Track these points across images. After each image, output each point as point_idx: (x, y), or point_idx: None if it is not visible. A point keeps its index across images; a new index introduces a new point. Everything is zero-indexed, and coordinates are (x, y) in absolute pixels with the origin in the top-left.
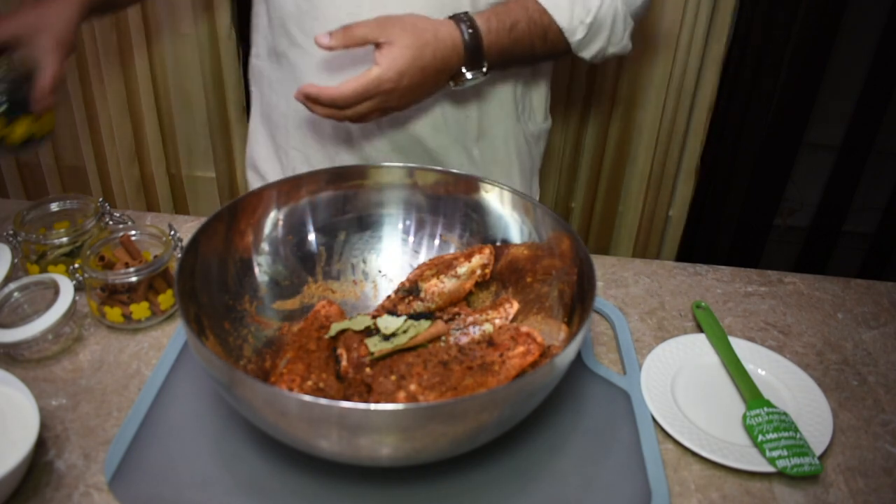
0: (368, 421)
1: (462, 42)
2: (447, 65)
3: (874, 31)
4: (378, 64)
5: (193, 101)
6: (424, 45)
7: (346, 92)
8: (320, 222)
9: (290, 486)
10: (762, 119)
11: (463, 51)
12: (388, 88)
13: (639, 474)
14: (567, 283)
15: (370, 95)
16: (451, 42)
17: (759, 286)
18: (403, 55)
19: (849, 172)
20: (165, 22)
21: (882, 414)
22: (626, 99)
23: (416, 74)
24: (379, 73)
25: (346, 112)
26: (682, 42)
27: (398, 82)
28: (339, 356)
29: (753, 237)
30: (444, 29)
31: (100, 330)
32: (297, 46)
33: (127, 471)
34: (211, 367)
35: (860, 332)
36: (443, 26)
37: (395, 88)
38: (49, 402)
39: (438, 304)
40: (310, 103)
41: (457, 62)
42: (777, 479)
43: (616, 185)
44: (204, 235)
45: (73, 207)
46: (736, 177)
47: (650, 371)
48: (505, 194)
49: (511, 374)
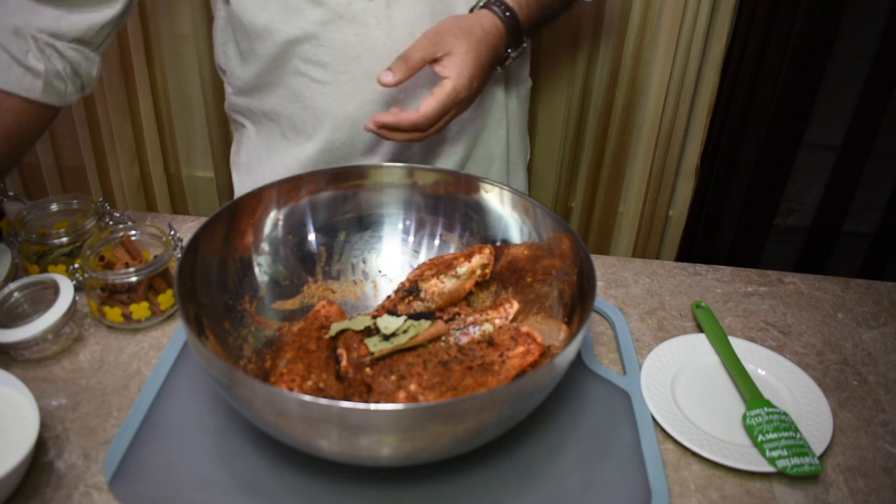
0: (368, 421)
1: (503, 25)
2: (497, 53)
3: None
4: (448, 77)
5: (192, 102)
6: (479, 43)
7: (430, 112)
8: (320, 222)
9: (290, 486)
10: (762, 119)
11: (506, 33)
12: (464, 97)
13: (639, 474)
14: (567, 283)
15: (449, 109)
16: (496, 30)
17: (759, 286)
18: (467, 61)
19: (849, 172)
20: (164, 23)
21: (882, 414)
22: (626, 99)
23: (480, 73)
24: (453, 85)
25: (428, 131)
26: (682, 42)
27: (470, 87)
28: (339, 356)
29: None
30: (486, 20)
31: (100, 330)
32: (301, 75)
33: (127, 471)
34: (211, 367)
35: (860, 332)
36: (483, 18)
37: (468, 95)
38: (49, 402)
39: (438, 304)
40: (385, 132)
41: (502, 46)
42: (777, 479)
43: (616, 185)
44: (204, 235)
45: (73, 207)
46: (736, 177)
47: (650, 371)
48: (505, 194)
49: (511, 374)
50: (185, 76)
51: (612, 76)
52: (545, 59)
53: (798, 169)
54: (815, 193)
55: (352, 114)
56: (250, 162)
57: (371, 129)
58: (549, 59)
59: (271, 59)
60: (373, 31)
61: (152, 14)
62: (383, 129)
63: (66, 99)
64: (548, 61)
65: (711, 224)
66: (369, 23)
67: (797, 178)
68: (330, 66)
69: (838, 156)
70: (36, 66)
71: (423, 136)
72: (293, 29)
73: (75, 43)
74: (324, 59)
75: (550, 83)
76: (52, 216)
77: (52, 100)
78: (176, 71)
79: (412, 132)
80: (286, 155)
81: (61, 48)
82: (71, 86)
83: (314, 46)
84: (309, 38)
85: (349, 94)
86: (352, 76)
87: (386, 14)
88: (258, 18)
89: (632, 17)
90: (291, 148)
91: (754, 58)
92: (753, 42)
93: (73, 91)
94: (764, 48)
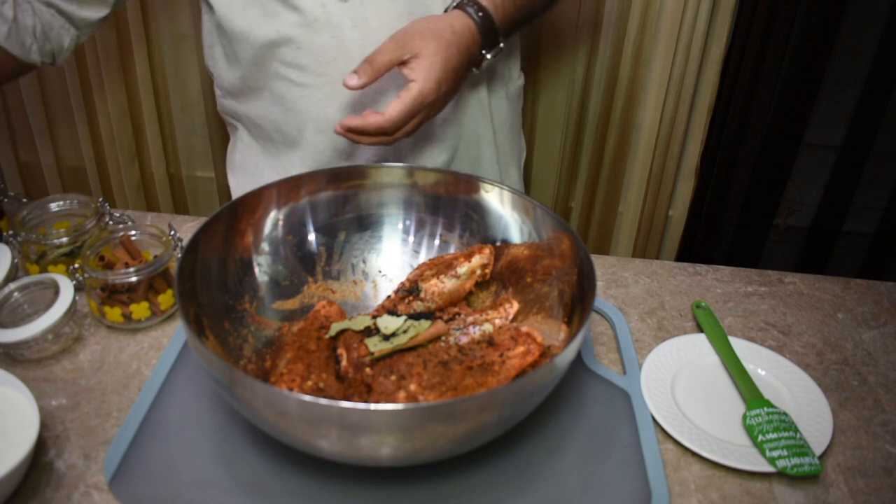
0: (368, 421)
1: (476, 27)
2: (470, 55)
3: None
4: (414, 80)
5: (192, 102)
6: (448, 45)
7: (395, 115)
8: (320, 222)
9: (290, 486)
10: (762, 119)
11: (479, 35)
12: (431, 100)
13: (639, 474)
14: (567, 283)
15: (416, 112)
16: (468, 31)
17: (759, 286)
18: (435, 63)
19: (849, 172)
20: (165, 23)
21: (882, 414)
22: (626, 99)
23: (450, 76)
24: (420, 88)
25: (396, 135)
26: (682, 42)
27: (438, 91)
28: (339, 356)
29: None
30: (456, 22)
31: (100, 330)
32: (282, 78)
33: (127, 471)
34: (211, 367)
35: (860, 332)
36: (454, 19)
37: (436, 98)
38: (49, 402)
39: (438, 304)
40: (352, 135)
41: (476, 48)
42: (777, 479)
43: (616, 185)
44: (204, 235)
45: (73, 207)
46: (736, 177)
47: (650, 371)
48: (505, 194)
49: (511, 374)
50: (185, 76)
51: (611, 76)
52: (545, 59)
53: (798, 169)
54: (815, 193)
55: (332, 116)
56: (245, 163)
57: (339, 132)
58: (549, 58)
59: (252, 62)
60: (348, 34)
61: (152, 14)
62: (351, 133)
63: (30, 56)
64: (547, 61)
65: (711, 224)
66: (344, 25)
67: (797, 178)
68: (308, 68)
69: (838, 156)
70: (6, 12)
71: (390, 140)
72: (270, 32)
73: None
74: (302, 62)
75: (550, 83)
76: (52, 216)
77: (14, 49)
78: (176, 71)
79: (379, 135)
80: (275, 160)
81: (37, 8)
82: (36, 46)
83: (292, 49)
84: (286, 41)
85: (328, 96)
86: (330, 78)
87: (361, 16)
88: (237, 22)
89: (631, 17)
90: (279, 154)
91: (754, 58)
92: (753, 42)
93: (37, 52)
94: (764, 48)
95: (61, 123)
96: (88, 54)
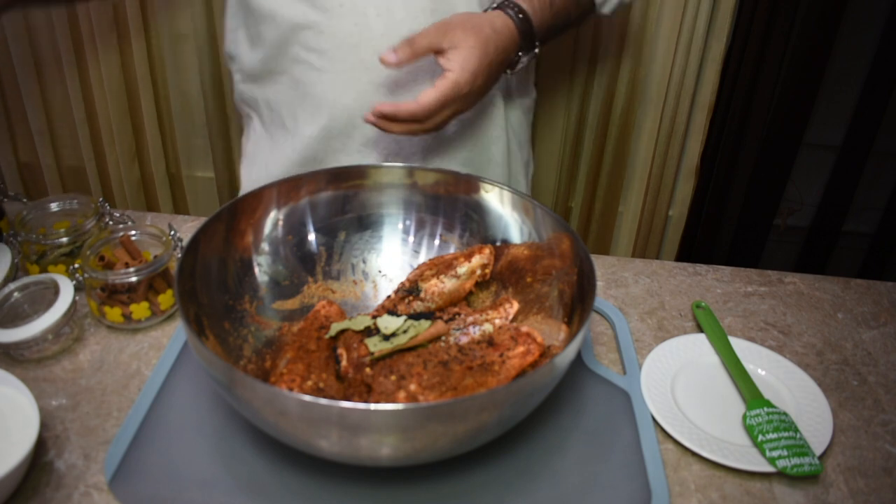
0: (368, 421)
1: (516, 28)
2: (507, 55)
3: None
4: (451, 70)
5: (192, 102)
6: (487, 41)
7: (429, 103)
8: (320, 222)
9: (290, 486)
10: (762, 119)
11: (518, 36)
12: (466, 92)
13: (639, 474)
14: (567, 283)
15: (449, 102)
16: (508, 31)
17: (759, 286)
18: (473, 55)
19: (849, 172)
20: (164, 23)
21: (882, 414)
22: (626, 98)
23: (485, 71)
24: (455, 78)
25: (426, 124)
26: (682, 42)
27: (473, 83)
28: (339, 356)
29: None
30: (497, 20)
31: (100, 330)
32: (302, 62)
33: (127, 471)
34: (211, 367)
35: (860, 332)
36: (496, 18)
37: (471, 90)
38: (49, 402)
39: (438, 304)
40: (384, 122)
41: (514, 49)
42: (777, 479)
43: (616, 185)
44: (204, 235)
45: (73, 207)
46: (736, 177)
47: (650, 371)
48: (505, 194)
49: (511, 374)
50: (185, 76)
51: (611, 76)
52: (545, 59)
53: (798, 169)
54: (815, 193)
55: (349, 104)
56: (256, 153)
57: (370, 119)
58: (549, 58)
59: (276, 44)
60: (371, 22)
61: (152, 14)
62: (382, 120)
63: None
64: (548, 61)
65: (711, 224)
66: (369, 13)
67: (797, 178)
68: (328, 53)
69: (838, 156)
70: None
71: (421, 129)
72: (296, 14)
73: None
74: (323, 47)
75: (550, 83)
76: (52, 216)
77: None
78: (176, 71)
79: (410, 123)
80: (286, 146)
81: None
82: None
83: (315, 33)
84: (311, 24)
85: (346, 83)
86: (349, 65)
87: (386, 6)
88: (265, 2)
89: (632, 16)
90: (290, 138)
91: (754, 58)
92: (753, 42)
93: None
94: (764, 48)
95: (61, 123)
96: (88, 54)
